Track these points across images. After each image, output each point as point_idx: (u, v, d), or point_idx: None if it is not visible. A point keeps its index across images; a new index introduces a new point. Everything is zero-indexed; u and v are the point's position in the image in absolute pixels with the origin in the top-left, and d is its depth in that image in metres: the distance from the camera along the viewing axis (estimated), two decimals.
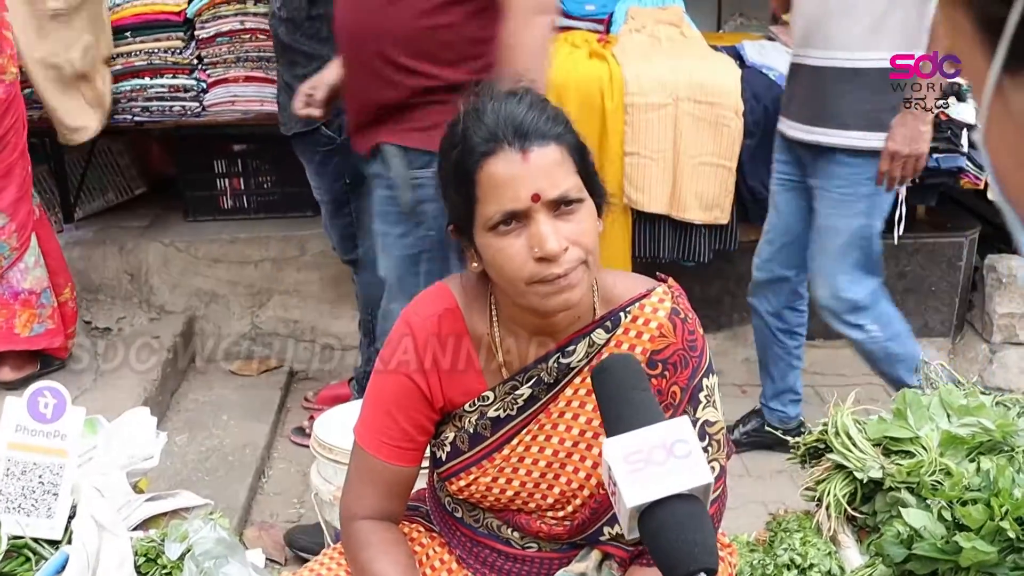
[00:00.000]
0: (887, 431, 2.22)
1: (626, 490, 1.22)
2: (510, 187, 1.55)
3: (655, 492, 1.21)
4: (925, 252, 4.89)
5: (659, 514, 1.20)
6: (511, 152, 1.56)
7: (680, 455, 1.23)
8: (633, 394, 1.34)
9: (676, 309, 1.72)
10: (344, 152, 3.81)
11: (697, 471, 1.22)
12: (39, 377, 3.60)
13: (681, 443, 1.24)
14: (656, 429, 1.26)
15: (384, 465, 1.78)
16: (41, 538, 2.08)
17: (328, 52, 3.70)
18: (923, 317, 4.93)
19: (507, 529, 1.86)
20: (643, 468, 1.22)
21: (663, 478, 1.21)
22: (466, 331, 1.76)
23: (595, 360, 1.72)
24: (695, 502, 1.22)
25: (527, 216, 1.56)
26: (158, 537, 2.12)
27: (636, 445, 1.24)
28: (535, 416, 1.76)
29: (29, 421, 2.09)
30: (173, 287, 4.75)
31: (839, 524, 2.20)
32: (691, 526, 1.20)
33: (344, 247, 4.06)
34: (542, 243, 1.55)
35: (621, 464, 1.23)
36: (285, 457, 4.07)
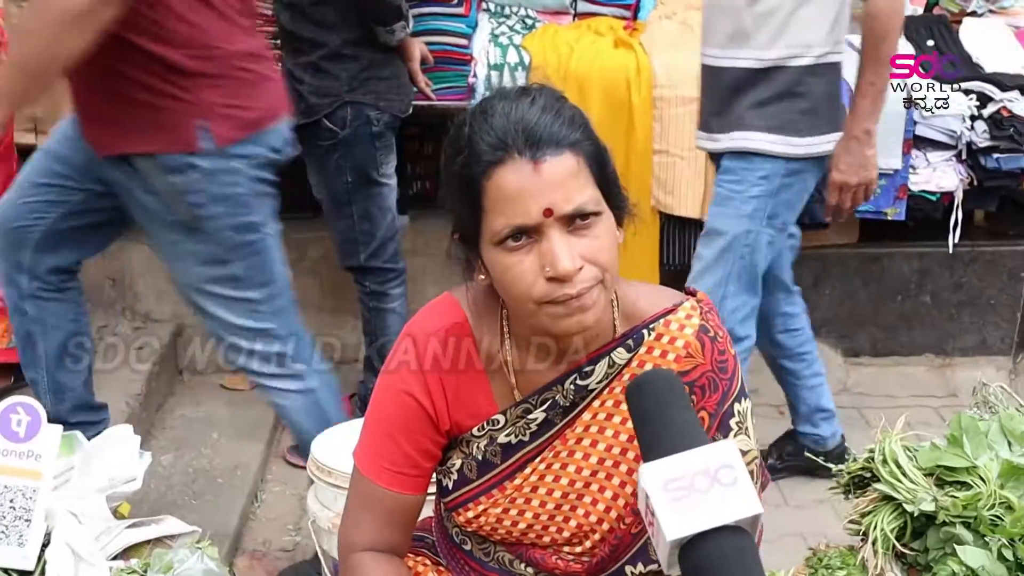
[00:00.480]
0: (941, 460, 2.19)
1: (666, 521, 1.19)
2: (520, 200, 1.52)
3: (699, 524, 1.18)
4: (983, 262, 4.86)
5: (703, 548, 1.18)
6: (521, 162, 1.53)
7: (726, 482, 1.20)
8: (673, 413, 1.32)
9: (705, 327, 1.70)
10: (347, 147, 3.82)
11: (745, 500, 1.19)
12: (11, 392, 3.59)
13: (727, 469, 1.21)
14: (699, 453, 1.24)
15: (385, 492, 1.77)
16: (12, 568, 2.07)
17: (333, 39, 3.72)
18: (981, 333, 4.90)
19: (520, 564, 1.84)
20: (685, 497, 1.20)
21: (707, 508, 1.19)
22: (475, 348, 1.75)
23: (615, 382, 1.70)
24: (743, 535, 1.19)
25: (538, 232, 1.54)
26: (140, 567, 2.11)
27: (677, 471, 1.22)
28: (550, 442, 1.75)
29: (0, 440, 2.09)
30: (159, 293, 4.75)
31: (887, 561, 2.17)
32: (739, 562, 1.17)
33: (345, 251, 4.06)
34: (554, 262, 1.52)
35: (660, 492, 1.21)
36: (280, 480, 4.07)
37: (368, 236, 3.99)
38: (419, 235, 4.81)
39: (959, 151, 4.51)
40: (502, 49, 4.50)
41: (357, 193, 3.93)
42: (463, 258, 1.71)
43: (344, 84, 3.79)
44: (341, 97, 3.80)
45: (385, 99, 3.88)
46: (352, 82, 3.80)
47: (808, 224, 4.52)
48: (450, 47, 4.49)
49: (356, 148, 3.86)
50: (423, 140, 5.13)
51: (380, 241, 4.01)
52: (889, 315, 4.91)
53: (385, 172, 3.98)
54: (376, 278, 4.07)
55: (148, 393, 4.14)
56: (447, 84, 4.49)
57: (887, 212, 4.55)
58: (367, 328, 4.16)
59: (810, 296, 4.75)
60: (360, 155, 3.87)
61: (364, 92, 3.83)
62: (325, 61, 3.78)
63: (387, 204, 4.02)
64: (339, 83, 3.79)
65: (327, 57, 3.78)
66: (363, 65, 3.82)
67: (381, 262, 4.05)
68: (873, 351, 4.91)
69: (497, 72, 4.44)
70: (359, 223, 3.97)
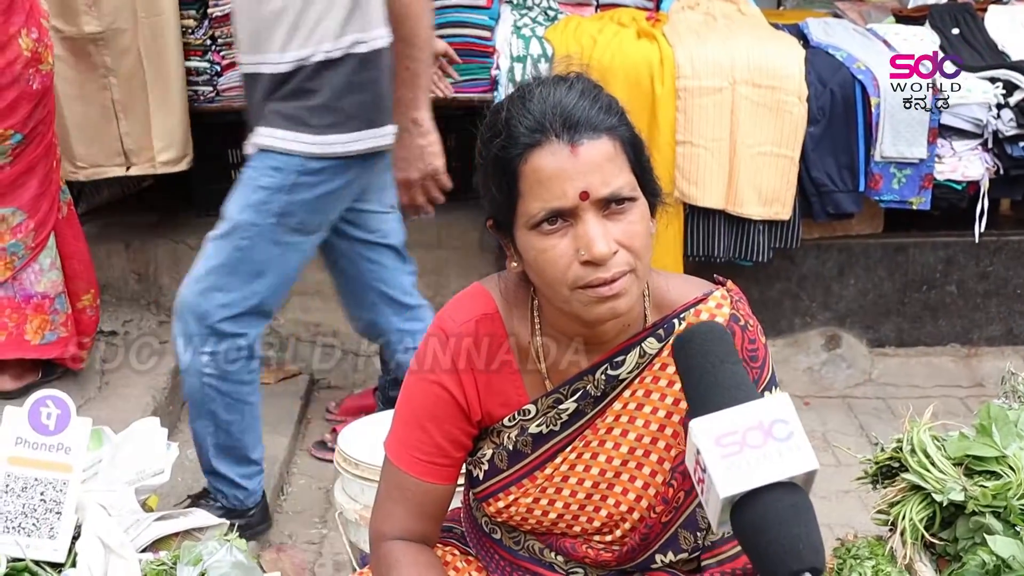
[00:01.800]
0: (969, 449, 2.18)
1: (719, 477, 1.16)
2: (556, 183, 1.53)
3: (753, 480, 1.15)
4: (1009, 251, 4.83)
5: (757, 506, 1.15)
6: (559, 145, 1.54)
7: (780, 437, 1.17)
8: (723, 368, 1.30)
9: (735, 315, 1.70)
10: None
11: (801, 456, 1.16)
12: (40, 387, 3.62)
13: (781, 424, 1.18)
14: (752, 407, 1.21)
15: (416, 482, 1.78)
16: (43, 560, 2.08)
17: None
18: (1007, 323, 4.87)
19: (550, 553, 1.85)
20: (738, 452, 1.17)
21: (762, 464, 1.16)
22: (506, 338, 1.76)
23: (646, 372, 1.71)
24: (798, 492, 1.16)
25: (574, 215, 1.55)
26: (169, 560, 2.12)
27: (729, 426, 1.19)
28: (580, 432, 1.75)
29: (30, 433, 2.09)
30: None
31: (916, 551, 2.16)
32: (795, 519, 1.15)
33: None
34: (589, 245, 1.53)
35: (712, 448, 1.18)
36: (306, 473, 4.08)
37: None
38: (443, 227, 4.81)
39: (985, 140, 4.49)
40: (525, 41, 4.49)
41: None
42: (496, 246, 1.72)
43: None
44: None
45: None
46: None
47: (833, 214, 4.52)
48: (473, 39, 4.50)
49: None
50: (447, 133, 5.12)
51: None
52: (915, 305, 4.89)
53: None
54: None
55: (174, 387, 4.15)
56: (470, 76, 4.49)
57: (912, 201, 4.53)
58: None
59: (835, 286, 4.75)
60: None
61: None
62: None
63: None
64: None
65: None
66: None
67: None
68: (899, 341, 4.89)
69: (520, 64, 4.43)
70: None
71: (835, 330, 4.88)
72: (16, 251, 3.63)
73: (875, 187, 4.51)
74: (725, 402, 1.23)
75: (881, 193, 4.52)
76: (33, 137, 3.58)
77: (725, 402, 1.23)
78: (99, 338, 4.38)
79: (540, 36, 4.52)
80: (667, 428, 1.70)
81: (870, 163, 4.48)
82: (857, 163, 4.48)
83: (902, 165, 4.45)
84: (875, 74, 4.43)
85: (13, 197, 3.58)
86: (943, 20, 4.92)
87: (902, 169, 4.46)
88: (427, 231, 4.55)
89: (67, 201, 3.88)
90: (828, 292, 4.86)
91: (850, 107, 4.45)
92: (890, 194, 4.52)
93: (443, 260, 4.78)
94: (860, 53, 4.61)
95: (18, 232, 3.61)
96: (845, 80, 4.45)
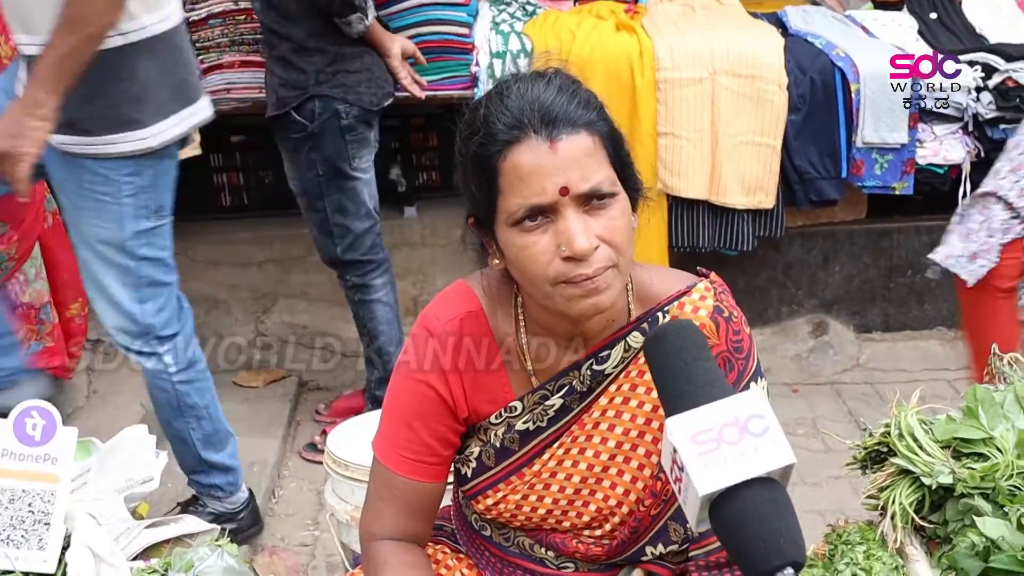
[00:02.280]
0: (957, 432, 2.19)
1: (697, 475, 1.16)
2: (536, 179, 1.53)
3: (731, 476, 1.15)
4: None
5: (736, 502, 1.15)
6: (537, 141, 1.53)
7: (756, 432, 1.17)
8: (696, 365, 1.30)
9: (719, 307, 1.70)
10: (316, 141, 3.81)
11: (777, 450, 1.16)
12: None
13: (756, 419, 1.18)
14: (726, 404, 1.21)
15: (405, 481, 1.78)
16: (33, 572, 2.07)
17: (298, 32, 3.72)
18: None
19: (540, 549, 1.85)
20: (715, 449, 1.17)
21: (739, 459, 1.16)
22: (491, 335, 1.75)
23: (631, 366, 1.71)
24: (775, 487, 1.16)
25: (554, 211, 1.54)
26: (160, 567, 2.12)
27: (704, 423, 1.19)
28: (567, 428, 1.75)
29: (16, 444, 2.09)
30: None
31: (906, 535, 2.17)
32: (774, 514, 1.15)
33: (321, 245, 4.05)
34: (570, 241, 1.52)
35: (688, 445, 1.17)
36: (297, 475, 4.08)
37: (343, 229, 3.96)
38: (426, 225, 4.82)
39: (965, 123, 4.49)
40: (503, 37, 4.49)
41: (329, 186, 3.91)
42: (477, 243, 1.71)
43: (311, 77, 3.78)
44: (308, 90, 3.79)
45: (355, 92, 3.85)
46: (319, 75, 3.79)
47: (816, 201, 4.53)
48: (451, 36, 4.48)
49: (325, 141, 3.85)
50: (428, 131, 5.13)
51: (356, 234, 3.97)
52: (900, 290, 4.91)
53: (358, 166, 3.94)
54: (356, 271, 4.05)
55: None
56: (449, 73, 4.48)
57: (895, 187, 4.54)
58: (357, 321, 4.15)
59: (820, 273, 4.76)
60: (330, 148, 3.86)
61: (332, 85, 3.81)
62: (292, 54, 3.78)
63: (361, 198, 3.97)
64: (306, 76, 3.79)
65: (294, 50, 3.78)
66: (330, 58, 3.80)
67: (359, 255, 4.02)
68: (885, 326, 4.90)
69: (499, 60, 4.42)
70: (332, 216, 3.95)
71: (822, 317, 4.89)
72: None
73: (857, 173, 4.51)
74: (700, 399, 1.23)
75: (864, 179, 4.53)
76: None
77: (700, 399, 1.23)
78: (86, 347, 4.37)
79: (519, 31, 4.51)
80: (654, 421, 1.70)
81: (852, 149, 4.49)
82: (839, 150, 4.49)
83: (884, 151, 4.46)
84: (855, 61, 4.43)
85: None
86: (921, 5, 4.94)
87: (884, 155, 4.47)
88: (411, 230, 4.55)
89: (52, 211, 3.86)
90: (814, 279, 4.86)
91: (830, 94, 4.45)
92: (873, 180, 4.52)
93: (427, 259, 4.78)
94: (839, 40, 4.61)
95: (1, 243, 3.59)
96: (825, 67, 4.46)
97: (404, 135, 4.98)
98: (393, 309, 4.11)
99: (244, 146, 5.02)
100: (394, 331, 4.10)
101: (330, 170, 3.87)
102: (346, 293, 4.12)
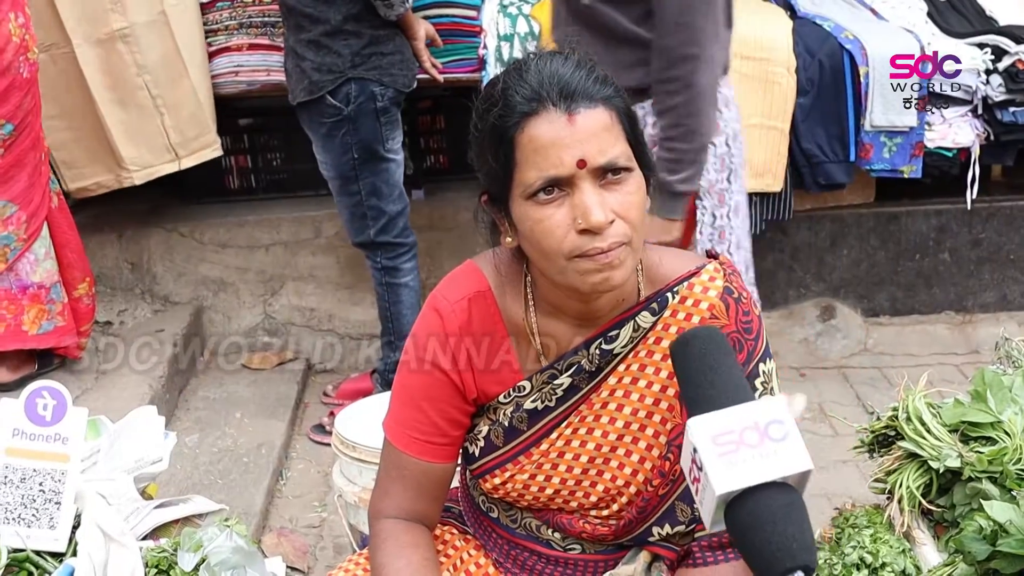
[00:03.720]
0: (965, 415, 2.19)
1: (715, 475, 1.18)
2: (553, 151, 1.54)
3: (749, 478, 1.17)
4: (1002, 217, 4.84)
5: (751, 504, 1.17)
6: (556, 113, 1.54)
7: (776, 437, 1.20)
8: (720, 369, 1.31)
9: (729, 288, 1.70)
10: (352, 124, 3.81)
11: (796, 456, 1.18)
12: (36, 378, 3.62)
13: (777, 424, 1.20)
14: (748, 408, 1.23)
15: (414, 461, 1.78)
16: (44, 550, 2.09)
17: (334, 15, 3.71)
18: (1001, 289, 4.89)
19: (547, 530, 1.86)
20: (734, 451, 1.19)
21: (757, 463, 1.18)
22: (499, 315, 1.76)
23: (640, 346, 1.71)
24: (791, 492, 1.18)
25: (571, 184, 1.55)
26: (170, 547, 2.13)
27: (726, 425, 1.21)
28: (576, 407, 1.76)
29: (27, 424, 2.10)
30: (178, 276, 4.78)
31: (913, 519, 2.18)
32: (788, 519, 1.17)
33: (354, 228, 4.06)
34: (586, 213, 1.53)
35: (709, 446, 1.20)
36: (304, 457, 4.10)
37: (377, 212, 3.98)
38: (435, 209, 4.82)
39: (975, 106, 4.48)
40: (511, 19, 4.48)
41: (364, 169, 3.92)
42: (490, 220, 1.72)
43: (347, 60, 3.78)
44: (344, 73, 3.79)
45: (389, 74, 3.87)
46: (355, 58, 3.79)
47: (824, 184, 4.52)
48: (459, 19, 4.47)
49: (361, 124, 3.85)
50: (435, 113, 5.12)
51: (389, 216, 4.00)
52: (908, 273, 4.90)
53: (391, 147, 3.97)
54: (387, 253, 4.07)
55: (170, 375, 4.16)
56: (457, 56, 4.47)
57: (903, 170, 4.53)
58: (381, 303, 4.17)
59: (828, 257, 4.75)
60: (365, 131, 3.87)
61: (367, 68, 3.82)
62: (326, 37, 3.77)
63: (394, 179, 4.01)
64: (342, 59, 3.78)
65: (328, 33, 3.76)
66: (365, 41, 3.80)
67: (391, 237, 4.04)
68: (893, 310, 4.90)
69: (507, 43, 4.42)
70: (367, 199, 3.96)
71: (829, 301, 4.89)
72: (9, 243, 3.62)
73: (866, 157, 4.51)
74: (722, 402, 1.25)
75: (872, 162, 4.52)
76: (23, 128, 3.57)
77: (722, 402, 1.25)
78: (95, 328, 4.39)
79: (526, 14, 4.50)
80: (662, 402, 1.71)
81: (860, 133, 4.48)
82: (847, 133, 4.48)
83: (892, 134, 4.45)
84: (863, 43, 4.42)
85: (4, 190, 3.58)
86: None
87: (892, 138, 4.45)
88: (419, 213, 4.54)
89: (56, 191, 3.87)
90: (822, 263, 4.86)
91: (839, 77, 4.44)
92: (881, 163, 4.52)
93: (434, 242, 4.78)
94: (848, 22, 4.59)
95: (10, 224, 3.60)
96: (833, 50, 4.45)
97: (411, 118, 4.97)
98: (417, 294, 4.13)
99: (252, 129, 5.02)
100: (415, 315, 4.11)
101: (365, 152, 3.88)
102: (373, 275, 4.14)
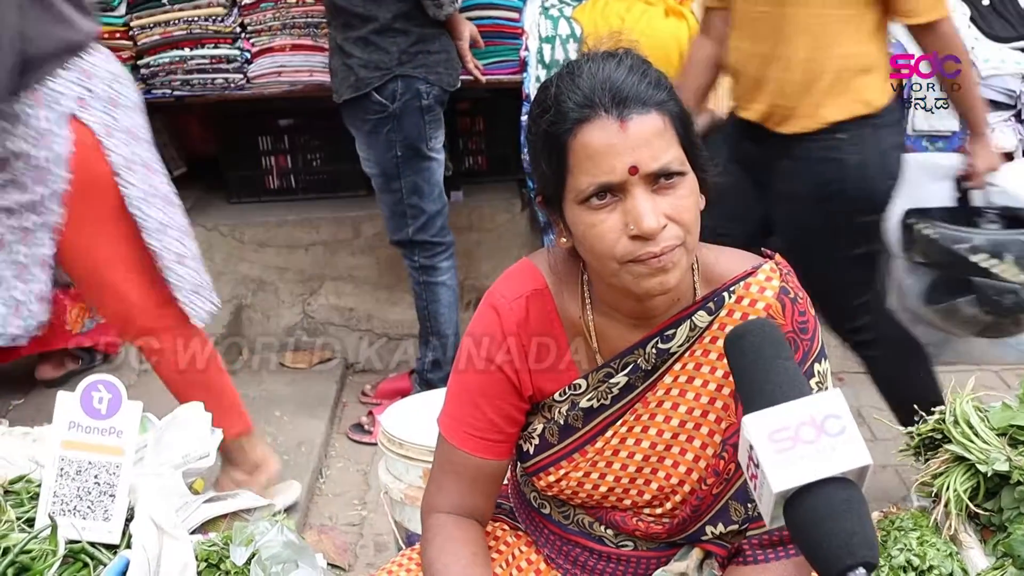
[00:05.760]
0: (1013, 419, 2.19)
1: (772, 473, 1.18)
2: (605, 158, 1.55)
3: (807, 475, 1.17)
4: None
5: (810, 500, 1.17)
6: (608, 120, 1.55)
7: (833, 432, 1.19)
8: (776, 364, 1.31)
9: (785, 288, 1.71)
10: (397, 121, 3.85)
11: (854, 451, 1.17)
12: (80, 374, 3.66)
13: (833, 419, 1.20)
14: (804, 403, 1.23)
15: (469, 458, 1.80)
16: (99, 542, 2.12)
17: (383, 13, 3.74)
18: None
19: (600, 527, 1.87)
20: (791, 447, 1.18)
21: (815, 459, 1.17)
22: (556, 314, 1.77)
23: (696, 345, 1.72)
24: (850, 486, 1.18)
25: (623, 190, 1.56)
26: (221, 541, 2.15)
27: (782, 421, 1.21)
28: (631, 406, 1.77)
29: (83, 417, 2.14)
30: (217, 275, 4.79)
31: (960, 522, 2.18)
32: (847, 514, 1.16)
33: (393, 225, 4.09)
34: (638, 220, 1.54)
35: (765, 443, 1.19)
36: (344, 455, 4.13)
37: (417, 210, 4.01)
38: (473, 210, 4.84)
39: (1018, 111, 4.46)
40: (553, 21, 4.50)
41: (406, 167, 3.95)
42: (544, 221, 1.74)
43: (394, 58, 3.82)
44: (392, 71, 3.83)
45: (435, 73, 3.91)
46: (402, 56, 3.83)
47: None
48: (501, 21, 4.50)
49: (406, 122, 3.89)
50: (475, 115, 5.15)
51: (429, 215, 4.03)
52: None
53: (434, 146, 4.00)
54: (425, 252, 4.10)
55: None
56: (498, 58, 4.50)
57: None
58: (418, 302, 4.19)
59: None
60: (410, 129, 3.90)
61: (414, 66, 3.85)
62: (375, 35, 3.81)
63: (435, 178, 4.04)
64: (390, 57, 3.82)
65: (377, 31, 3.80)
66: (413, 39, 3.84)
67: (429, 236, 4.07)
68: None
69: (548, 45, 4.44)
70: (407, 197, 4.00)
71: None
72: None
73: None
74: (778, 398, 1.25)
75: None
76: None
77: (778, 398, 1.25)
78: None
79: (568, 16, 4.52)
80: (718, 401, 1.72)
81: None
82: None
83: (935, 139, 4.44)
84: (905, 47, 4.40)
85: None
86: None
87: (935, 143, 4.44)
88: (458, 214, 4.57)
89: None
90: None
91: None
92: None
93: (473, 243, 4.80)
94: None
95: None
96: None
97: (451, 120, 5.00)
98: (454, 293, 4.16)
99: (292, 129, 5.06)
100: (453, 315, 4.16)
101: (408, 150, 3.92)
102: (411, 273, 4.17)
